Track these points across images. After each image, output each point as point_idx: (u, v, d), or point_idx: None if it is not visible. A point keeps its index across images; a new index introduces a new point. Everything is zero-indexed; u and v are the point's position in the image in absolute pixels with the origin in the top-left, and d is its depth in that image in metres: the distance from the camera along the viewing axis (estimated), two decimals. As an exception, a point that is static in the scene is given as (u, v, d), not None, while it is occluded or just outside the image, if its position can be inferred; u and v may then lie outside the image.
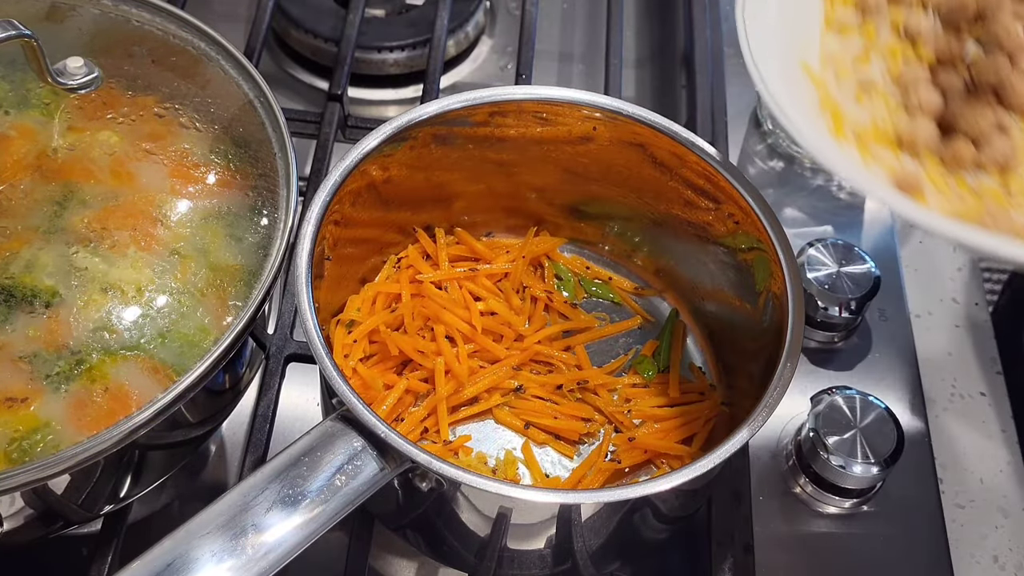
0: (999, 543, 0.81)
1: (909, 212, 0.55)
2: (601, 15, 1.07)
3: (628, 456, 0.73)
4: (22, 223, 0.66)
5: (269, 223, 0.68)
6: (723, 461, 0.61)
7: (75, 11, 0.76)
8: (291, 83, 1.06)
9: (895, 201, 0.56)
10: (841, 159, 0.58)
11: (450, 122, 0.75)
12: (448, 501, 0.64)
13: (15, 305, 0.63)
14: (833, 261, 0.84)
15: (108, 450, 0.58)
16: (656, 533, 0.72)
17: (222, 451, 0.81)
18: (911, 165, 0.60)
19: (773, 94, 0.59)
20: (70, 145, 0.70)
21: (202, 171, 0.71)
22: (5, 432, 0.59)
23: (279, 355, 0.79)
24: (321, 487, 0.58)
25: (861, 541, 0.77)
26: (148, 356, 0.63)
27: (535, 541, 0.66)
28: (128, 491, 0.67)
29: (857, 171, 0.58)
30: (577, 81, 1.08)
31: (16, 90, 0.72)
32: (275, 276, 0.65)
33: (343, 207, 0.72)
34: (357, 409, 0.60)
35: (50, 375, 0.61)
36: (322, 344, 0.63)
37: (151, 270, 0.66)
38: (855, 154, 0.60)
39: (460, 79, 1.08)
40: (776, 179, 0.97)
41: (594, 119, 0.75)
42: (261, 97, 0.72)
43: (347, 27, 0.99)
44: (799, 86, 0.63)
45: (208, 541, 0.55)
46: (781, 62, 0.62)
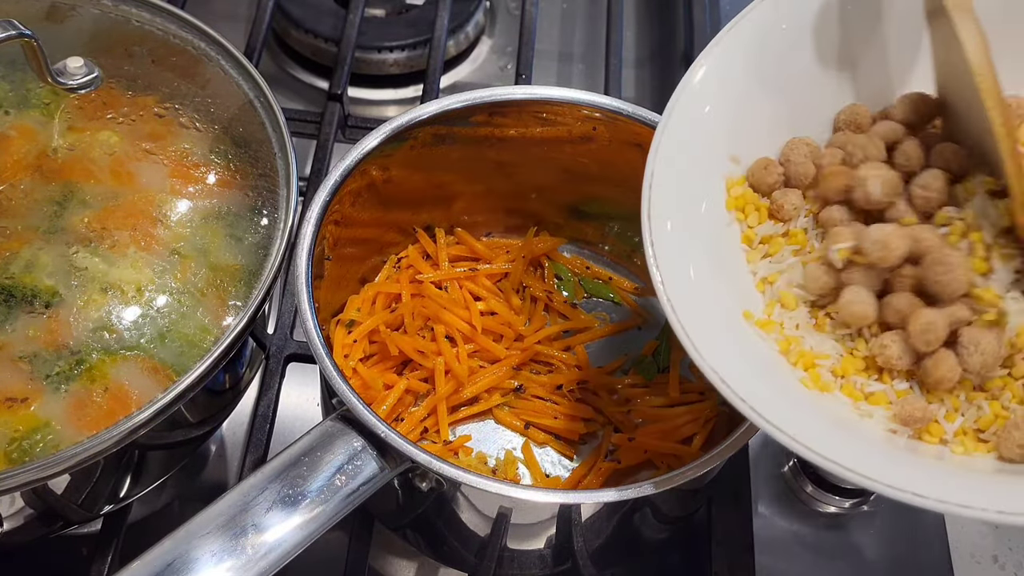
0: (999, 543, 0.81)
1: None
2: (601, 15, 1.07)
3: (628, 456, 0.72)
4: (22, 223, 0.66)
5: (269, 223, 0.68)
6: (723, 461, 0.61)
7: (75, 11, 0.76)
8: (291, 83, 1.06)
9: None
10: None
11: (450, 122, 0.74)
12: (448, 501, 0.64)
13: (15, 305, 0.63)
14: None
15: (108, 450, 0.58)
16: (656, 533, 0.72)
17: (222, 451, 0.81)
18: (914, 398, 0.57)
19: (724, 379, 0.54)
20: (70, 145, 0.70)
21: (202, 171, 0.71)
22: (5, 432, 0.59)
23: (279, 355, 0.79)
24: (321, 487, 0.58)
25: (861, 541, 0.77)
26: (148, 356, 0.63)
27: (535, 541, 0.66)
28: (128, 491, 0.67)
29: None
30: (577, 81, 1.08)
31: (16, 90, 0.72)
32: (275, 276, 0.65)
33: (343, 207, 0.72)
34: (357, 409, 0.60)
35: (50, 375, 0.61)
36: (322, 344, 0.63)
37: (151, 270, 0.66)
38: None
39: (460, 79, 1.08)
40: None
41: (594, 119, 0.75)
42: (261, 97, 0.72)
43: (347, 27, 0.99)
44: (748, 343, 0.58)
45: (208, 541, 0.55)
46: (722, 323, 0.58)
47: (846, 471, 0.50)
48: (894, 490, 0.49)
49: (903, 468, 0.52)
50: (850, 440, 0.53)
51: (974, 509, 0.48)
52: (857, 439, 0.54)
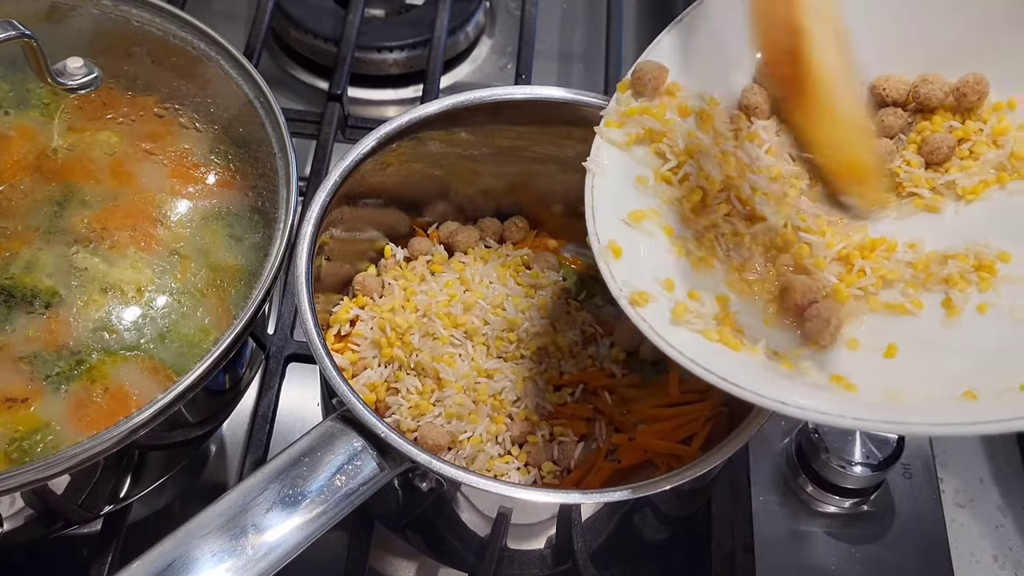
0: (999, 543, 0.81)
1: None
2: (601, 15, 1.07)
3: (628, 456, 0.72)
4: (22, 223, 0.67)
5: (269, 223, 0.68)
6: (723, 461, 0.61)
7: (75, 11, 0.76)
8: (291, 83, 1.06)
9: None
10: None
11: (450, 122, 0.74)
12: (448, 501, 0.64)
13: (15, 305, 0.63)
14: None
15: (108, 450, 0.58)
16: (656, 533, 0.72)
17: (222, 451, 0.81)
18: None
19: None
20: (70, 145, 0.70)
21: (202, 171, 0.71)
22: (5, 432, 0.59)
23: (279, 355, 0.79)
24: (321, 487, 0.58)
25: (861, 541, 0.77)
26: (148, 356, 0.63)
27: (535, 541, 0.66)
28: (128, 491, 0.67)
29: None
30: (577, 81, 1.08)
31: (16, 90, 0.72)
32: (275, 276, 0.65)
33: (343, 207, 0.72)
34: (357, 409, 0.60)
35: (50, 375, 0.61)
36: (322, 344, 0.63)
37: (151, 270, 0.66)
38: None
39: (460, 79, 1.08)
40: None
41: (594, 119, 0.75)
42: (261, 97, 0.72)
43: (347, 27, 0.99)
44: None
45: (208, 541, 0.55)
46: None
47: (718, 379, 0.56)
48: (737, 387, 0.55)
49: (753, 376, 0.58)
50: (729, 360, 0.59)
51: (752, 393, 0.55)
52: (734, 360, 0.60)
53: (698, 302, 0.61)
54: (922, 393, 0.57)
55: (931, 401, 0.56)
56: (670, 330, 0.59)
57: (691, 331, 0.59)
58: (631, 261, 0.62)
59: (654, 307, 0.59)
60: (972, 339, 0.61)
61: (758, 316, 0.64)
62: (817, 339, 0.61)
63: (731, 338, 0.60)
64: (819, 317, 0.61)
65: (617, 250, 0.62)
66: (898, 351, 0.61)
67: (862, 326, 0.63)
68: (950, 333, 0.62)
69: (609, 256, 0.62)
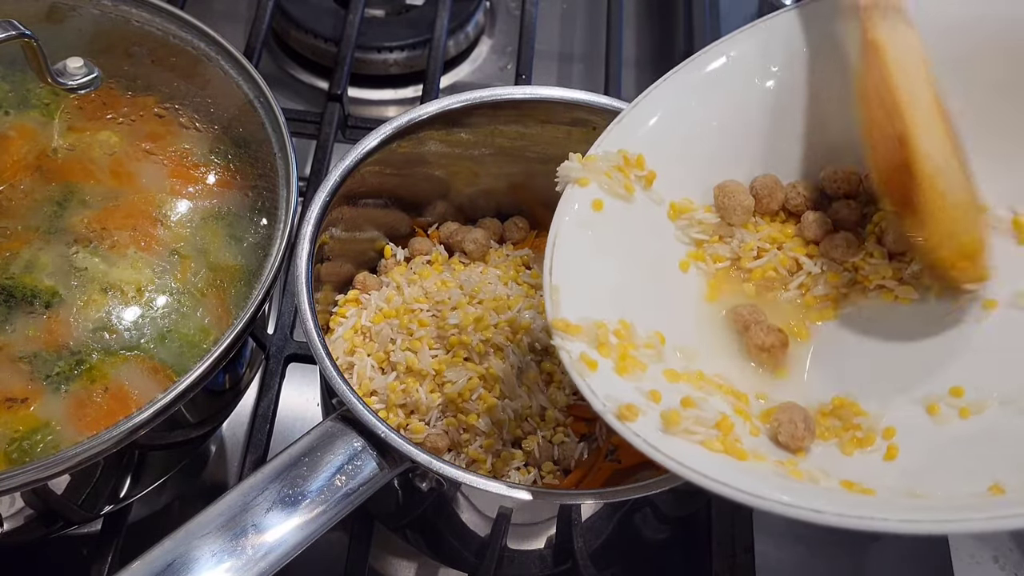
0: (999, 543, 0.81)
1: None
2: (601, 15, 1.07)
3: (628, 456, 0.72)
4: (22, 223, 0.67)
5: (269, 223, 0.68)
6: (723, 461, 0.61)
7: (75, 11, 0.76)
8: (291, 83, 1.06)
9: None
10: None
11: (450, 122, 0.74)
12: (448, 501, 0.64)
13: (15, 305, 0.63)
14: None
15: (108, 450, 0.58)
16: (656, 533, 0.72)
17: (222, 451, 0.81)
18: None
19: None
20: (70, 145, 0.70)
21: (202, 171, 0.71)
22: (5, 432, 0.59)
23: (279, 355, 0.79)
24: (321, 487, 0.58)
25: (861, 542, 0.77)
26: (148, 356, 0.63)
27: (535, 541, 0.66)
28: (128, 491, 0.67)
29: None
30: (577, 81, 1.08)
31: (16, 90, 0.72)
32: (275, 276, 0.65)
33: (343, 207, 0.72)
34: (357, 409, 0.60)
35: (50, 375, 0.61)
36: (322, 344, 0.63)
37: (151, 270, 0.66)
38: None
39: (460, 79, 1.08)
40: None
41: (594, 119, 0.75)
42: (261, 97, 0.72)
43: (347, 27, 0.99)
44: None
45: (208, 541, 0.55)
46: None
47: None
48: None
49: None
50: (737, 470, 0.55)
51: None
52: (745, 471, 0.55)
53: (695, 409, 0.56)
54: (942, 491, 0.53)
55: (955, 498, 0.52)
56: (668, 443, 0.53)
57: (691, 442, 0.54)
58: (607, 372, 0.56)
59: (644, 420, 0.54)
60: (980, 432, 0.57)
61: (744, 425, 0.59)
62: (792, 444, 0.57)
63: (735, 447, 0.55)
64: (789, 422, 0.57)
65: (592, 363, 0.56)
66: (898, 453, 0.57)
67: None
68: (947, 429, 0.58)
69: (584, 369, 0.55)
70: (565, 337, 0.57)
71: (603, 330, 0.58)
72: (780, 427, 0.57)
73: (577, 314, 0.58)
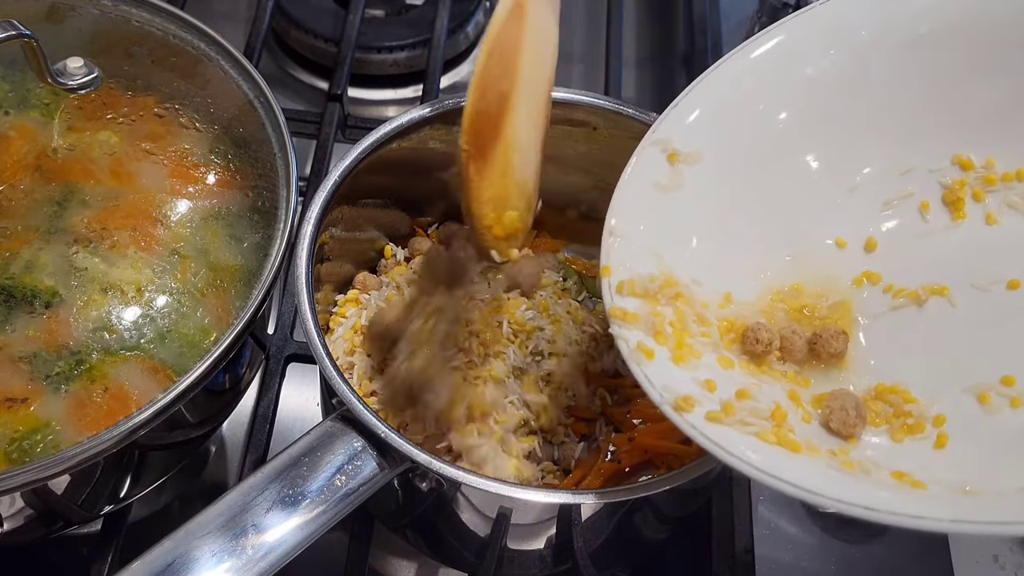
0: (999, 543, 0.81)
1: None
2: (601, 15, 1.07)
3: (628, 456, 0.72)
4: (22, 223, 0.67)
5: (269, 223, 0.68)
6: (723, 461, 0.61)
7: (75, 11, 0.76)
8: (291, 83, 1.06)
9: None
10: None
11: (450, 122, 0.74)
12: (448, 501, 0.64)
13: (15, 305, 0.63)
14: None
15: (108, 450, 0.58)
16: (656, 533, 0.72)
17: (222, 451, 0.81)
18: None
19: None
20: (70, 145, 0.70)
21: (202, 171, 0.71)
22: (5, 432, 0.59)
23: (279, 355, 0.79)
24: (321, 487, 0.58)
25: (861, 541, 0.77)
26: (148, 356, 0.63)
27: (535, 541, 0.66)
28: (128, 491, 0.67)
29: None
30: (577, 81, 1.08)
31: (16, 90, 0.72)
32: (275, 276, 0.65)
33: (343, 207, 0.72)
34: (357, 409, 0.60)
35: (50, 375, 0.61)
36: (322, 344, 0.63)
37: (151, 270, 0.66)
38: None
39: (460, 79, 1.08)
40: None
41: (594, 119, 0.75)
42: (261, 97, 0.72)
43: (347, 27, 0.99)
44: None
45: (208, 541, 0.55)
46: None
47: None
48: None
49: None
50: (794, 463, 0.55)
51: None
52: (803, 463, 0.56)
53: (750, 400, 0.56)
54: (992, 485, 0.53)
55: (1004, 495, 0.52)
56: (723, 435, 0.54)
57: (744, 434, 0.55)
58: (664, 361, 0.57)
59: (700, 411, 0.54)
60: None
61: (796, 412, 0.60)
62: (843, 431, 0.58)
63: (788, 439, 0.55)
64: (840, 409, 0.58)
65: (649, 352, 0.57)
66: (948, 441, 0.57)
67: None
68: (997, 418, 0.58)
69: (641, 358, 0.56)
70: (622, 325, 0.58)
71: (659, 318, 0.59)
72: (832, 414, 0.58)
73: (630, 264, 0.60)
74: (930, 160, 0.67)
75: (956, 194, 0.66)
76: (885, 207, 0.67)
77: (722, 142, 0.65)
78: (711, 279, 0.63)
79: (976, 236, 0.66)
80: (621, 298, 0.59)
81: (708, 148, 0.65)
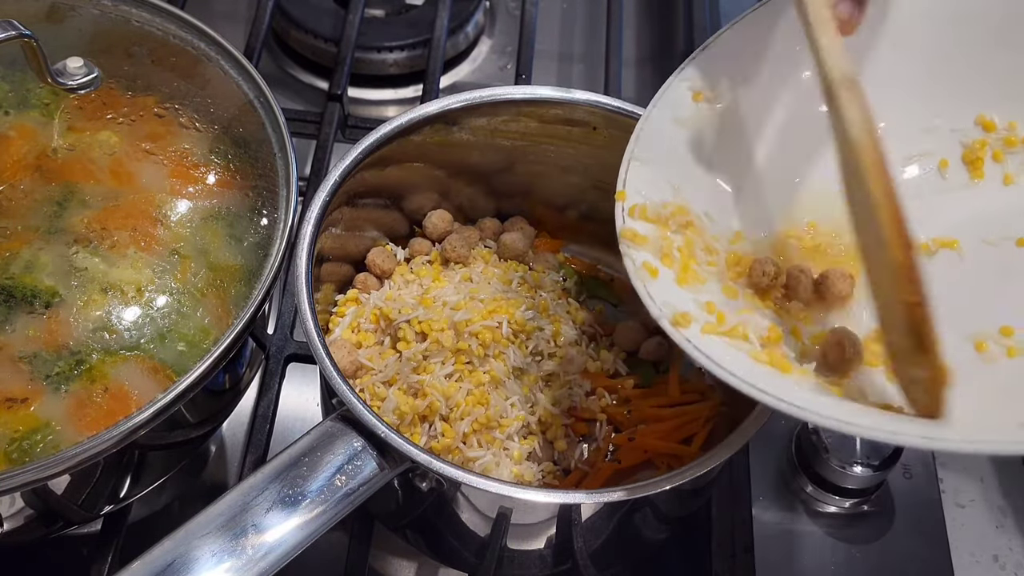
0: (999, 543, 0.81)
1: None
2: (601, 15, 1.07)
3: (628, 456, 0.72)
4: (22, 223, 0.66)
5: (269, 223, 0.68)
6: (723, 461, 0.61)
7: (75, 11, 0.76)
8: (291, 83, 1.06)
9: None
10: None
11: (450, 122, 0.74)
12: (448, 501, 0.64)
13: (15, 305, 0.63)
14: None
15: (108, 450, 0.58)
16: (656, 533, 0.72)
17: (222, 451, 0.81)
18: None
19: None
20: (70, 145, 0.70)
21: (202, 171, 0.71)
22: (5, 432, 0.59)
23: (279, 355, 0.79)
24: (321, 487, 0.58)
25: (861, 541, 0.77)
26: (148, 356, 0.63)
27: (535, 541, 0.66)
28: (128, 491, 0.67)
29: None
30: (577, 81, 1.08)
31: (16, 90, 0.72)
32: (275, 276, 0.65)
33: (343, 207, 0.72)
34: (357, 409, 0.60)
35: (50, 375, 0.61)
36: (322, 344, 0.63)
37: (151, 270, 0.66)
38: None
39: (460, 79, 1.08)
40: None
41: (594, 119, 0.75)
42: (261, 97, 0.72)
43: (347, 27, 0.99)
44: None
45: (208, 541, 0.55)
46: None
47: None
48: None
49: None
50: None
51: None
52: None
53: (749, 316, 0.59)
54: (983, 422, 0.54)
55: (995, 428, 0.53)
56: (716, 349, 0.56)
57: (738, 352, 0.57)
58: (668, 282, 0.60)
59: (696, 328, 0.57)
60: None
61: (795, 345, 0.62)
62: (840, 367, 0.59)
63: (781, 359, 0.57)
64: (837, 344, 0.60)
65: (653, 270, 0.59)
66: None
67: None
68: (994, 367, 0.59)
69: (646, 276, 0.59)
70: (631, 245, 0.60)
71: (668, 243, 0.61)
72: (829, 349, 0.60)
73: (644, 189, 0.62)
74: (953, 119, 0.68)
75: (976, 153, 0.67)
76: (906, 160, 0.68)
77: (748, 85, 0.66)
78: (724, 216, 0.65)
79: (992, 195, 0.67)
80: (632, 221, 0.62)
81: (732, 89, 0.66)
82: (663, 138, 0.65)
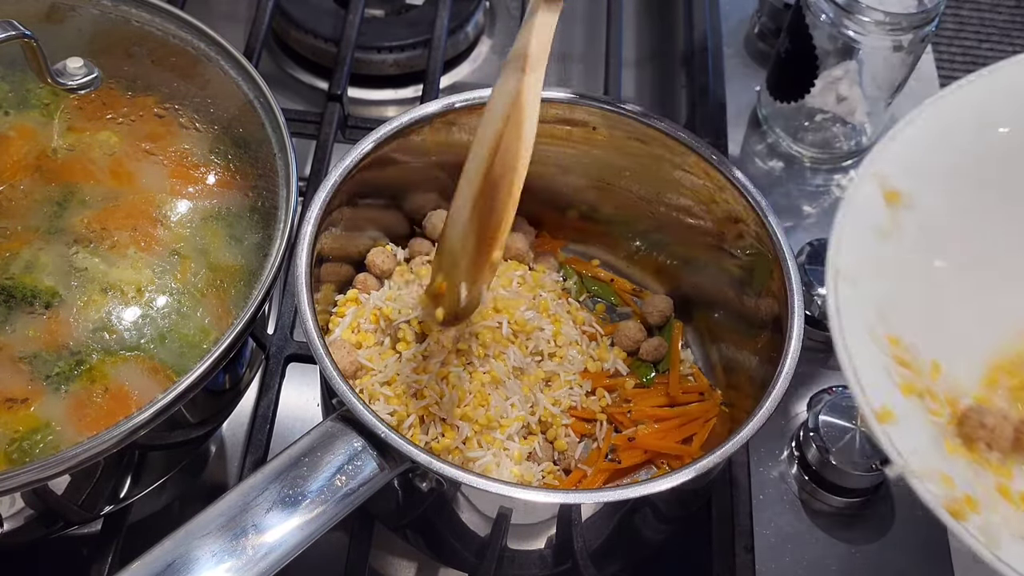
0: (999, 543, 0.81)
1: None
2: (601, 15, 1.07)
3: (628, 456, 0.73)
4: (22, 223, 0.67)
5: (269, 223, 0.68)
6: (723, 461, 0.61)
7: (75, 11, 0.76)
8: (291, 83, 1.06)
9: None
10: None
11: (450, 122, 0.74)
12: (448, 501, 0.64)
13: (15, 305, 0.63)
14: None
15: (108, 450, 0.58)
16: (656, 533, 0.72)
17: (222, 451, 0.81)
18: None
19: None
20: (70, 145, 0.70)
21: (202, 171, 0.71)
22: (5, 432, 0.59)
23: (279, 355, 0.79)
24: (321, 487, 0.58)
25: (861, 541, 0.77)
26: (148, 356, 0.63)
27: (535, 541, 0.66)
28: (128, 492, 0.67)
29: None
30: (577, 81, 1.08)
31: (16, 90, 0.72)
32: (275, 276, 0.65)
33: (343, 207, 0.72)
34: (357, 409, 0.60)
35: (50, 375, 0.61)
36: (322, 344, 0.63)
37: (151, 270, 0.66)
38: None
39: (460, 79, 1.08)
40: (776, 178, 0.97)
41: (594, 119, 0.75)
42: (261, 97, 0.72)
43: (347, 27, 0.99)
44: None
45: (208, 541, 0.55)
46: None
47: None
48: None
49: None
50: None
51: None
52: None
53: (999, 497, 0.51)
54: None
55: None
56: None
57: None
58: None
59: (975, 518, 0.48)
60: None
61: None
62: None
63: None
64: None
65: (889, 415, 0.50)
66: None
67: None
68: None
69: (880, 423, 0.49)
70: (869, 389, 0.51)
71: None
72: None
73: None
74: None
75: None
76: None
77: (946, 183, 0.57)
78: (923, 343, 0.55)
79: None
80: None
81: (928, 189, 0.56)
82: (862, 251, 0.54)
